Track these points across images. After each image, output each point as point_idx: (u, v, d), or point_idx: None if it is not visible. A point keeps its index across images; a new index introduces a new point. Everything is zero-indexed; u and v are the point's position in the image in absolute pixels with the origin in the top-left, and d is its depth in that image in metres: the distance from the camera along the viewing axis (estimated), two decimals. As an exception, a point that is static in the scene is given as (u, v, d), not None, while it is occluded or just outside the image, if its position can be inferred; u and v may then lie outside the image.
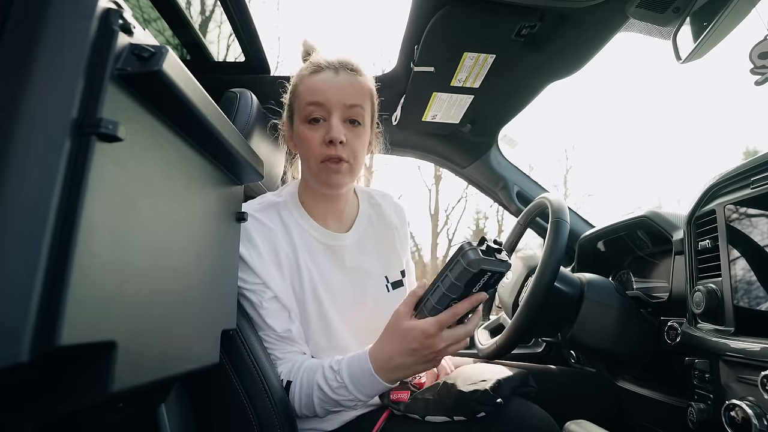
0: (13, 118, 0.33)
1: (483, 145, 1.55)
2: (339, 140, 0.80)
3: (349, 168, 0.84)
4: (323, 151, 0.82)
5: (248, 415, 0.72)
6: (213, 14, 1.98)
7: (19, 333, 0.31)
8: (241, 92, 1.02)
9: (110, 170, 0.38)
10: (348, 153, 0.83)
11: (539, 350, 1.60)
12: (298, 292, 0.85)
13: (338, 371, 0.75)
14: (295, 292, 0.85)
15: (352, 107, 0.83)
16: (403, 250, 1.04)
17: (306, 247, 0.87)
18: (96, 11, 0.35)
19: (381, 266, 0.97)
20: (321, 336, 0.86)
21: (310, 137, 0.83)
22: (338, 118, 0.82)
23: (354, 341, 0.87)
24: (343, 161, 0.82)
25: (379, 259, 0.97)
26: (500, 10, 0.93)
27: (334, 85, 0.82)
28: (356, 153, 0.84)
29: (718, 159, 17.06)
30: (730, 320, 0.77)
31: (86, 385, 0.40)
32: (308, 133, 0.83)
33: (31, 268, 0.32)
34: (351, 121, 0.84)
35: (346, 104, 0.82)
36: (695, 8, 0.84)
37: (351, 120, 0.84)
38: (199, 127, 0.50)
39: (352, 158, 0.84)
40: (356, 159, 0.85)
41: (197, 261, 0.58)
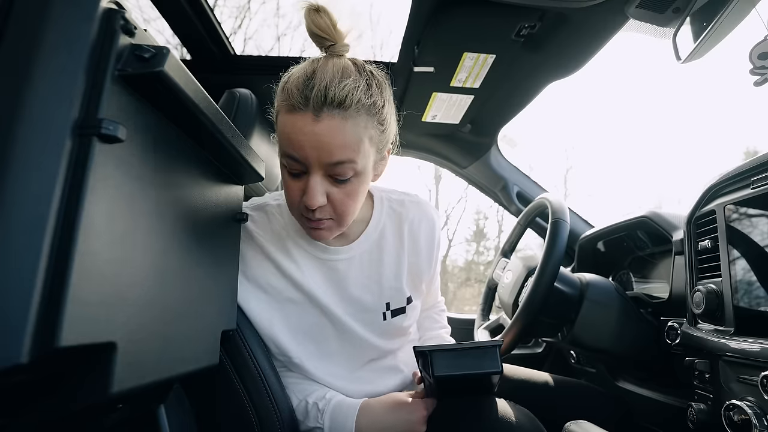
0: (15, 119, 0.33)
1: (483, 145, 1.56)
2: (315, 207, 0.67)
3: (334, 224, 0.72)
4: (302, 206, 0.68)
5: (249, 415, 0.72)
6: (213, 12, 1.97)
7: (19, 334, 0.31)
8: (241, 92, 1.01)
9: (111, 171, 0.38)
10: (330, 212, 0.70)
11: (539, 350, 1.60)
12: (281, 291, 0.80)
13: (323, 411, 0.76)
14: (277, 292, 0.80)
15: (336, 165, 0.65)
16: (424, 270, 0.88)
17: (294, 255, 0.80)
18: (97, 12, 0.35)
19: (381, 292, 0.84)
20: (309, 341, 0.82)
21: (289, 186, 0.69)
22: (318, 176, 0.66)
23: (342, 352, 0.84)
24: (322, 221, 0.70)
25: (382, 283, 0.84)
26: (500, 10, 0.93)
27: (311, 138, 0.63)
28: (343, 209, 0.70)
29: (718, 159, 17.06)
30: (730, 320, 0.77)
31: (86, 386, 0.40)
32: (288, 181, 0.69)
33: (31, 269, 0.32)
34: (335, 180, 0.68)
35: (327, 162, 0.65)
36: (695, 8, 0.84)
37: (336, 179, 0.67)
38: (200, 127, 0.50)
39: (336, 216, 0.71)
40: (343, 214, 0.71)
41: (197, 261, 0.57)
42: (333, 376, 0.83)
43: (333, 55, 0.70)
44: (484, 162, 1.59)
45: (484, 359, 0.61)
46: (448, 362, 0.60)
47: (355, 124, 0.65)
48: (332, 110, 0.63)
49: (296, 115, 0.64)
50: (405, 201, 0.88)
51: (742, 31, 0.82)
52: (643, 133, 17.75)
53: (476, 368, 0.61)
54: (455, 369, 0.60)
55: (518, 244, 1.36)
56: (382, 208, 0.86)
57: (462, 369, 0.60)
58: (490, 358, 0.61)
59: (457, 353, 0.61)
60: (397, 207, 0.87)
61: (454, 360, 0.60)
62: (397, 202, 0.88)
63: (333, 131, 0.63)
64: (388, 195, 0.89)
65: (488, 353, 0.61)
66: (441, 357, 0.61)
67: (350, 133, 0.64)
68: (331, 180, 0.67)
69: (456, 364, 0.60)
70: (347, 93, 0.63)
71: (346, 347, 0.84)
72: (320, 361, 0.82)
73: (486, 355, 0.61)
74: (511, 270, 1.21)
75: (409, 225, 0.86)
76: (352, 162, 0.66)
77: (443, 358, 0.61)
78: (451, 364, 0.60)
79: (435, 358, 0.61)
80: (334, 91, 0.62)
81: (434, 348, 0.62)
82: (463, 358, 0.61)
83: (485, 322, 1.31)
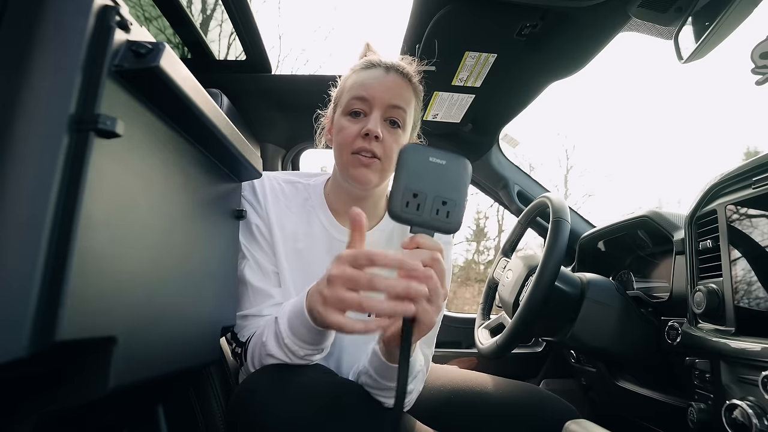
0: (12, 115, 0.33)
1: (484, 145, 1.55)
2: (375, 134, 0.78)
3: (380, 167, 0.81)
4: (357, 143, 0.80)
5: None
6: (214, 13, 1.98)
7: (18, 328, 0.31)
8: (212, 92, 1.03)
9: (109, 166, 0.38)
10: (381, 150, 0.80)
11: (539, 350, 1.60)
12: (292, 270, 0.82)
13: (278, 313, 0.70)
14: (285, 268, 0.82)
15: (394, 108, 0.81)
16: None
17: (315, 236, 0.86)
18: (92, 8, 0.35)
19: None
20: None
21: (346, 127, 0.81)
22: (379, 115, 0.80)
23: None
24: (375, 157, 0.80)
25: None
26: (502, 9, 0.93)
27: (381, 83, 0.81)
28: (390, 152, 0.81)
29: (718, 159, 17.04)
30: (730, 320, 0.77)
31: (85, 381, 0.40)
32: (346, 123, 0.82)
33: (30, 263, 0.32)
34: (391, 122, 0.82)
35: (389, 103, 0.81)
36: (697, 8, 0.84)
37: (391, 121, 0.82)
38: (197, 123, 0.50)
39: (385, 157, 0.81)
40: (389, 159, 0.81)
41: (196, 257, 0.58)
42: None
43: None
44: (485, 161, 1.59)
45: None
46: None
47: (409, 90, 0.84)
48: (398, 73, 0.83)
49: (370, 71, 0.84)
50: None
51: (744, 30, 0.82)
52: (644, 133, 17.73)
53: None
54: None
55: (519, 244, 1.36)
56: None
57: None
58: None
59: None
60: None
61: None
62: None
63: (397, 83, 0.83)
64: None
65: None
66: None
67: (406, 92, 0.84)
68: (386, 124, 0.81)
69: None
70: (409, 69, 0.86)
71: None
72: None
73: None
74: (511, 269, 1.21)
75: None
76: (404, 111, 0.82)
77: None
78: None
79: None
80: (401, 63, 0.85)
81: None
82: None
83: (486, 321, 1.31)
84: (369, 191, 0.86)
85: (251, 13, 1.15)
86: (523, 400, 0.88)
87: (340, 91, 0.88)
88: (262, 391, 0.65)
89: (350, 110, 0.82)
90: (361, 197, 0.87)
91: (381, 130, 0.79)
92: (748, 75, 0.78)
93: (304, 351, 0.66)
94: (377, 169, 0.81)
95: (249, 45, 1.26)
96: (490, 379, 0.94)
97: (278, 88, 1.40)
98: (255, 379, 0.67)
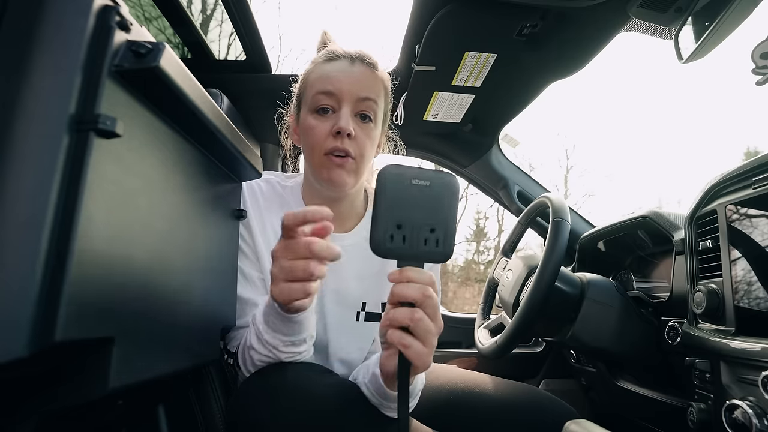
0: (12, 115, 0.33)
1: (484, 145, 1.55)
2: (347, 131, 0.75)
3: (354, 166, 0.78)
4: (329, 143, 0.76)
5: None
6: (214, 13, 1.98)
7: (18, 328, 0.31)
8: (212, 92, 1.03)
9: (109, 166, 0.38)
10: (355, 149, 0.77)
11: (539, 350, 1.60)
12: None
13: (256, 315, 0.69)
14: (268, 270, 0.76)
15: (364, 100, 0.78)
16: None
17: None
18: (92, 8, 0.35)
19: (364, 289, 0.85)
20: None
21: (315, 126, 0.77)
22: (349, 110, 0.77)
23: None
24: (348, 156, 0.76)
25: (364, 280, 0.84)
26: (502, 9, 0.93)
27: (347, 75, 0.77)
28: (363, 150, 0.78)
29: (719, 159, 17.04)
30: (730, 320, 0.77)
31: (85, 381, 0.40)
32: (314, 122, 0.78)
33: (30, 263, 0.32)
34: (362, 117, 0.78)
35: (358, 96, 0.77)
36: (697, 8, 0.84)
37: (362, 115, 0.78)
38: (197, 123, 0.50)
39: (359, 155, 0.78)
40: (363, 157, 0.78)
41: (196, 257, 0.58)
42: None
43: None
44: (485, 161, 1.59)
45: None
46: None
47: (377, 80, 0.81)
48: (364, 63, 0.80)
49: (335, 63, 0.80)
50: None
51: (744, 30, 0.82)
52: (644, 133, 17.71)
53: None
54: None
55: (519, 244, 1.36)
56: None
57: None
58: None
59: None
60: None
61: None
62: None
63: (365, 74, 0.79)
64: None
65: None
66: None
67: (374, 82, 0.80)
68: (356, 119, 0.78)
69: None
70: (374, 58, 0.82)
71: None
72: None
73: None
74: (511, 269, 1.21)
75: None
76: (375, 103, 0.79)
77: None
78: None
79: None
80: (365, 53, 0.81)
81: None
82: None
83: (486, 321, 1.31)
84: (345, 192, 0.82)
85: (251, 13, 1.15)
86: (523, 401, 0.88)
87: (303, 87, 0.83)
88: (261, 391, 0.64)
89: (317, 107, 0.78)
90: (336, 198, 0.84)
91: (353, 127, 0.76)
92: (748, 75, 0.78)
93: (284, 344, 0.65)
94: (352, 169, 0.78)
95: (249, 45, 1.26)
96: (489, 380, 0.94)
97: (278, 88, 1.40)
98: (254, 379, 0.67)
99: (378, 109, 0.80)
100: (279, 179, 0.88)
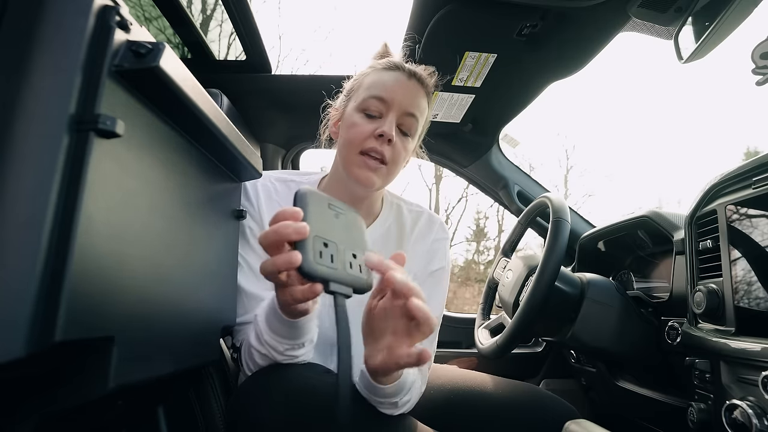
0: (12, 115, 0.33)
1: (484, 145, 1.55)
2: (389, 137, 0.79)
3: (385, 172, 0.81)
4: (368, 143, 0.80)
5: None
6: (214, 13, 1.98)
7: (17, 328, 0.31)
8: (212, 93, 1.03)
9: (108, 166, 0.38)
10: (390, 155, 0.80)
11: (539, 350, 1.60)
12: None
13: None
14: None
15: (409, 115, 0.82)
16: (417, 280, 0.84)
17: None
18: (92, 8, 0.35)
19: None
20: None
21: (359, 124, 0.81)
22: (394, 118, 0.81)
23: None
24: (383, 162, 0.80)
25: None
26: (502, 9, 0.93)
27: (402, 87, 0.81)
28: (397, 158, 0.82)
29: (719, 159, 17.06)
30: (730, 320, 0.77)
31: (85, 381, 0.40)
32: (359, 120, 0.81)
33: (29, 263, 0.32)
34: (402, 132, 0.83)
35: (406, 110, 0.81)
36: (697, 8, 0.84)
37: (402, 131, 0.83)
38: (197, 123, 0.50)
39: (392, 162, 0.81)
40: (395, 165, 0.82)
41: (196, 257, 0.58)
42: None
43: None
44: (485, 161, 1.59)
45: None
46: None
47: (424, 100, 0.85)
48: (418, 81, 0.83)
49: (392, 72, 0.83)
50: (408, 208, 0.96)
51: (744, 30, 0.82)
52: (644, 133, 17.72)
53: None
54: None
55: (519, 244, 1.36)
56: (390, 211, 0.94)
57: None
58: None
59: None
60: (403, 212, 0.94)
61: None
62: (404, 208, 0.95)
63: (416, 91, 0.83)
64: (397, 201, 0.96)
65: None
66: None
67: (422, 101, 0.84)
68: (398, 130, 0.82)
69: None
70: (428, 80, 0.86)
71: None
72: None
73: None
74: (511, 269, 1.21)
75: (417, 236, 0.93)
76: (417, 120, 0.83)
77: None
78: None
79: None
80: (422, 73, 0.85)
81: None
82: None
83: (486, 321, 1.31)
84: (369, 193, 0.85)
85: (251, 13, 1.15)
86: (523, 400, 0.88)
87: (357, 86, 0.87)
88: (261, 390, 0.64)
89: (366, 108, 0.81)
90: (358, 198, 0.86)
91: (394, 135, 0.79)
92: (748, 75, 0.78)
93: (283, 346, 0.65)
94: (381, 173, 0.81)
95: (249, 45, 1.26)
96: (490, 379, 0.94)
97: (278, 88, 1.40)
98: (254, 379, 0.67)
99: (418, 126, 0.85)
100: (295, 177, 0.90)
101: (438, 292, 0.91)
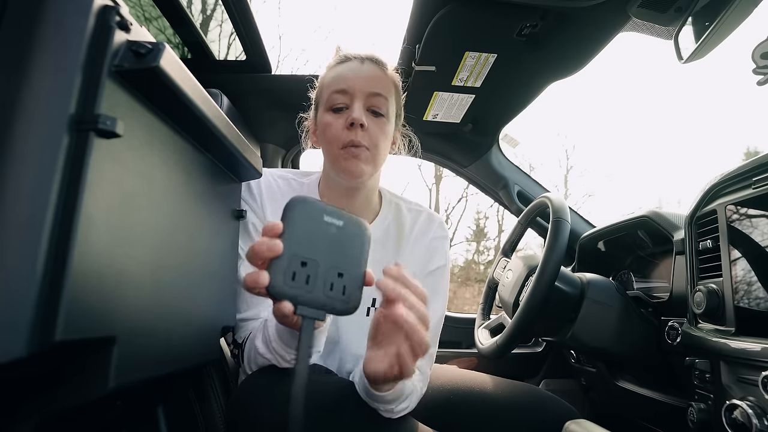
0: (12, 115, 0.33)
1: (484, 145, 1.55)
2: (360, 122, 0.79)
3: (370, 156, 0.82)
4: (344, 136, 0.80)
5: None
6: (214, 13, 1.98)
7: (18, 328, 0.31)
8: (212, 93, 1.03)
9: (109, 166, 0.38)
10: (368, 140, 0.81)
11: (539, 350, 1.60)
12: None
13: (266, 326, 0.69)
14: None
15: (374, 96, 0.82)
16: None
17: None
18: (92, 8, 0.35)
19: (374, 286, 0.86)
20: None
21: (331, 122, 0.82)
22: (360, 104, 0.82)
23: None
24: (362, 146, 0.81)
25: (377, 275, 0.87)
26: (502, 9, 0.93)
27: (357, 73, 0.83)
28: (377, 142, 0.82)
29: (719, 159, 17.06)
30: (730, 320, 0.77)
31: (85, 381, 0.40)
32: (330, 119, 0.83)
33: (30, 263, 0.32)
34: (374, 113, 0.83)
35: (369, 92, 0.82)
36: (697, 8, 0.84)
37: (374, 111, 0.83)
38: (197, 123, 0.50)
39: (373, 146, 0.82)
40: (377, 148, 0.83)
41: (196, 257, 0.58)
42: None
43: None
44: (485, 161, 1.59)
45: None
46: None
47: (386, 78, 0.85)
48: (373, 63, 0.85)
49: (346, 64, 0.85)
50: (408, 206, 0.96)
51: (745, 30, 0.82)
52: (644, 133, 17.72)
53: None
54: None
55: (519, 244, 1.36)
56: (389, 209, 0.94)
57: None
58: None
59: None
60: (402, 210, 0.95)
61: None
62: (402, 206, 0.96)
63: (373, 72, 0.84)
64: (396, 199, 0.97)
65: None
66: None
67: (384, 80, 0.85)
68: (369, 113, 0.83)
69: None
70: (383, 58, 0.87)
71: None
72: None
73: None
74: (511, 269, 1.21)
75: (416, 235, 0.93)
76: (384, 98, 0.83)
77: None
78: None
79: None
80: (374, 54, 0.87)
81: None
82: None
83: (486, 321, 1.31)
84: (362, 183, 0.86)
85: (251, 13, 1.15)
86: (523, 401, 0.88)
87: (319, 90, 0.89)
88: (261, 390, 0.65)
89: (332, 105, 0.83)
90: (353, 191, 0.87)
91: (365, 120, 0.80)
92: (748, 75, 0.78)
93: (290, 355, 0.66)
94: (367, 159, 0.82)
95: (249, 45, 1.26)
96: (490, 379, 0.94)
97: (278, 88, 1.40)
98: (254, 379, 0.67)
99: (389, 105, 0.85)
100: (295, 176, 0.92)
101: (438, 291, 0.91)
